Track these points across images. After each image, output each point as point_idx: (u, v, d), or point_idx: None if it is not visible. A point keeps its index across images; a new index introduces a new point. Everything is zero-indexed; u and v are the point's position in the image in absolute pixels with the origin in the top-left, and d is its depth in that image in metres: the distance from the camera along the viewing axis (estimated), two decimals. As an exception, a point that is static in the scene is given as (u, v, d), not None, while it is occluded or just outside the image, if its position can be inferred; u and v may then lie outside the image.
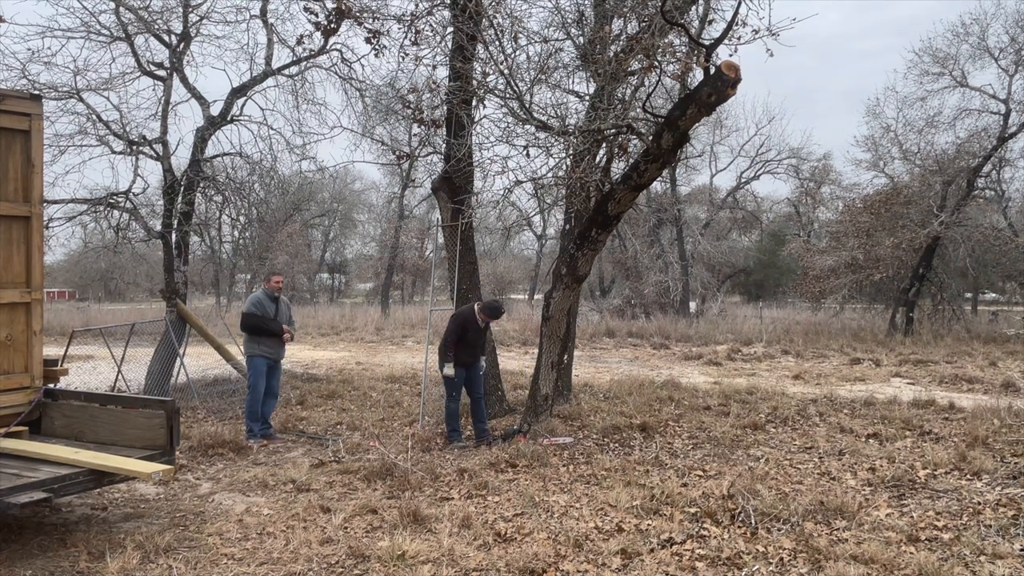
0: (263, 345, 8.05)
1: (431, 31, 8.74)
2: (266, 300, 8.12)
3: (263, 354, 8.06)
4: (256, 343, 8.05)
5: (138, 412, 5.35)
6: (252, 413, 7.97)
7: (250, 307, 8.11)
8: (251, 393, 8.02)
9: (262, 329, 8.02)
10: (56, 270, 41.83)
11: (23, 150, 5.49)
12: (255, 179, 13.16)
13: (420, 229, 37.79)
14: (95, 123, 10.56)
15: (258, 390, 8.00)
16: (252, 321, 8.04)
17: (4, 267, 5.40)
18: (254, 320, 8.03)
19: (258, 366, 8.03)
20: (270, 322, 8.06)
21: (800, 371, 13.62)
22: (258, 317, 8.04)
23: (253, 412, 7.97)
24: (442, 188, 8.90)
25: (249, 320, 8.05)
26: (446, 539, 4.75)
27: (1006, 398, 9.91)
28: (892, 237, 19.91)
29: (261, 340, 8.04)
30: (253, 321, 8.03)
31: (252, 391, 8.02)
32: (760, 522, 4.98)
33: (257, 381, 8.01)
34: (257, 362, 8.04)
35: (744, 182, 33.83)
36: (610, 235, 8.74)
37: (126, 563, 4.41)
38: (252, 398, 8.00)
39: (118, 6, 10.28)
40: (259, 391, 8.01)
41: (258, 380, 8.01)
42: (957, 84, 20.68)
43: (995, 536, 4.80)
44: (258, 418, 7.99)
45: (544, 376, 8.17)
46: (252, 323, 8.04)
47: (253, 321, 8.03)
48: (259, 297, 8.17)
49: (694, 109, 6.22)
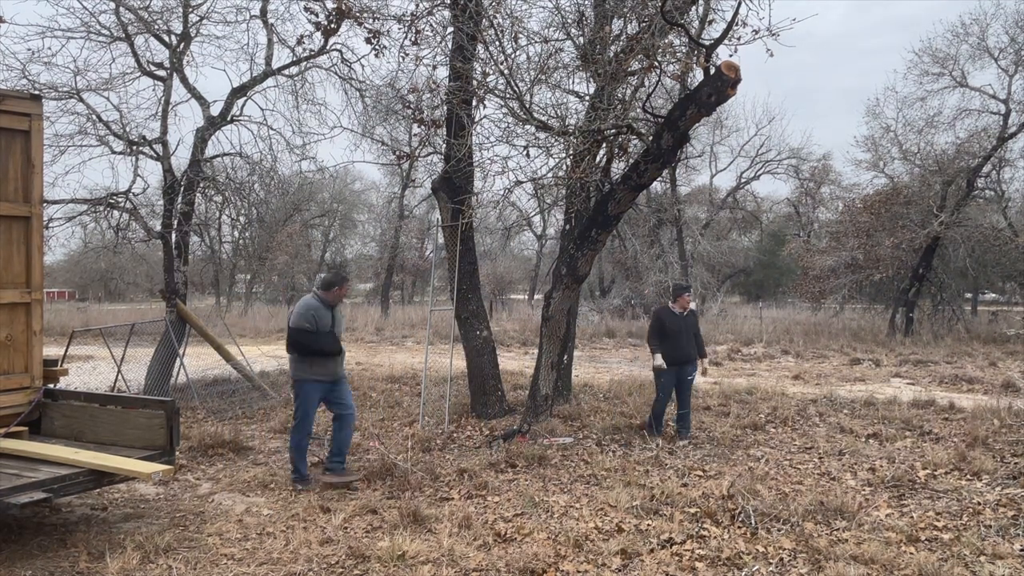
0: (316, 367, 6.19)
1: (431, 31, 8.75)
2: (322, 309, 6.20)
3: (317, 378, 6.21)
4: (308, 364, 6.18)
5: (138, 412, 5.35)
6: (300, 450, 6.24)
7: (300, 320, 6.11)
8: (299, 427, 6.25)
9: (317, 350, 6.18)
10: (56, 270, 41.83)
11: (23, 150, 5.49)
12: (255, 179, 13.16)
13: (420, 229, 37.78)
14: (95, 123, 10.56)
15: (308, 424, 6.34)
16: (305, 340, 6.11)
17: (4, 267, 5.40)
18: (306, 339, 6.10)
19: (309, 394, 6.23)
20: (326, 339, 6.17)
21: (800, 371, 13.62)
22: (312, 334, 6.10)
23: (301, 448, 6.25)
24: (442, 188, 8.90)
25: (301, 338, 6.11)
26: (446, 539, 4.75)
27: (1006, 398, 9.90)
28: (892, 237, 19.91)
29: (315, 361, 6.20)
30: (306, 340, 6.10)
31: (301, 425, 6.25)
32: (760, 522, 4.98)
33: (308, 413, 6.28)
34: (308, 389, 6.21)
35: (744, 182, 33.88)
36: (610, 235, 8.74)
37: (126, 563, 4.41)
38: (300, 434, 6.25)
39: (118, 6, 10.28)
40: (309, 425, 6.36)
41: (309, 412, 6.28)
42: (957, 84, 20.69)
43: (995, 536, 4.80)
44: (306, 455, 6.35)
45: (544, 376, 8.17)
46: (305, 343, 6.11)
47: (306, 340, 6.10)
48: (313, 305, 6.19)
49: (694, 109, 6.23)
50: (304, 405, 6.27)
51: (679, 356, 7.80)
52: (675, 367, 7.81)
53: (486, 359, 8.99)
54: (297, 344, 6.13)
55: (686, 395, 7.90)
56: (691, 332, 7.90)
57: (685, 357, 7.84)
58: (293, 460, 6.26)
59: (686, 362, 7.85)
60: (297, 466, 6.23)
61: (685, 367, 7.85)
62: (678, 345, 7.78)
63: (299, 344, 6.13)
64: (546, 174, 8.22)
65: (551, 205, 20.80)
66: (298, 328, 6.10)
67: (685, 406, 7.89)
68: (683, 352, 7.81)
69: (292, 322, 6.16)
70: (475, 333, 8.98)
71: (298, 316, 6.13)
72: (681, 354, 7.81)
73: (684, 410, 7.89)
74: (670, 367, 7.78)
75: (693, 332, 7.93)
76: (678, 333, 7.79)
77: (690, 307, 7.97)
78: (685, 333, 7.82)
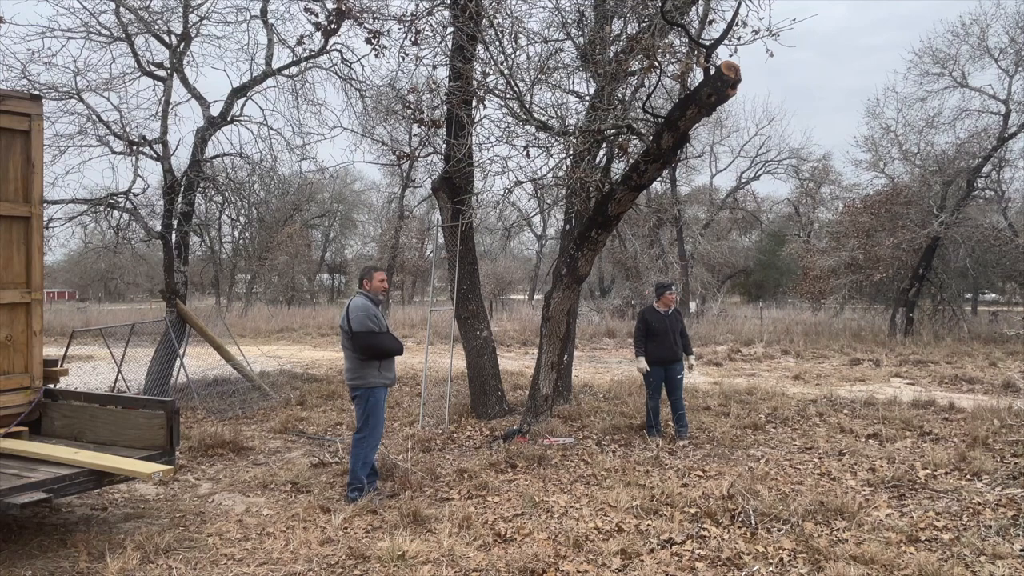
0: (385, 369, 5.84)
1: (431, 31, 8.75)
2: (374, 307, 5.87)
3: (385, 381, 5.89)
4: (377, 368, 5.80)
5: (138, 412, 5.35)
6: (366, 463, 5.88)
7: (364, 323, 5.69)
8: (369, 436, 5.84)
9: (388, 351, 5.84)
10: (56, 270, 41.83)
11: (23, 150, 5.49)
12: (255, 179, 13.18)
13: (420, 229, 37.79)
14: (95, 123, 10.56)
15: (380, 433, 6.01)
16: (376, 342, 5.75)
17: (4, 267, 5.40)
18: (377, 341, 5.74)
19: (381, 399, 5.89)
20: (390, 339, 5.90)
21: (800, 371, 13.62)
22: (379, 335, 5.77)
23: (368, 461, 5.90)
24: (442, 188, 8.90)
25: (373, 341, 5.71)
26: (446, 539, 4.75)
27: (1006, 398, 9.90)
28: (892, 237, 19.91)
29: (384, 363, 5.85)
30: (377, 342, 5.75)
31: (372, 435, 5.86)
32: (760, 522, 4.98)
33: (382, 420, 5.96)
34: (380, 394, 5.87)
35: (744, 182, 33.88)
36: (610, 235, 8.74)
37: (126, 563, 4.41)
38: (370, 443, 5.87)
39: (118, 6, 10.28)
40: (380, 435, 6.04)
41: (382, 418, 5.96)
42: (957, 84, 20.68)
43: (995, 536, 4.80)
44: (370, 466, 5.97)
45: (544, 376, 8.17)
46: (377, 345, 5.75)
47: (377, 342, 5.75)
48: (366, 305, 5.81)
49: (694, 109, 6.22)
50: (378, 411, 5.86)
51: (664, 355, 7.82)
52: (661, 366, 7.82)
53: (486, 359, 8.99)
54: (371, 348, 5.70)
55: (677, 395, 7.89)
56: (676, 331, 7.90)
57: (671, 356, 7.84)
58: (355, 472, 5.73)
59: (672, 361, 7.85)
60: (360, 476, 5.80)
61: (672, 366, 7.85)
62: (663, 344, 7.80)
63: (373, 348, 5.71)
64: (546, 174, 8.22)
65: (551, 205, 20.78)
66: (366, 331, 5.68)
67: (678, 407, 7.88)
68: (668, 351, 7.82)
69: (355, 326, 5.66)
70: (475, 333, 8.99)
71: (359, 320, 5.68)
72: (667, 353, 7.82)
73: (679, 411, 7.88)
74: (656, 366, 7.80)
75: (679, 331, 7.94)
76: (663, 332, 7.80)
77: (674, 306, 7.98)
78: (671, 332, 7.83)
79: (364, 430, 5.83)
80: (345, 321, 5.75)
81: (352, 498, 5.67)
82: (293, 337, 21.96)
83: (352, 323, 5.70)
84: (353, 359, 5.78)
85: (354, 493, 5.72)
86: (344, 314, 5.80)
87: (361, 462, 5.81)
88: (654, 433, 7.82)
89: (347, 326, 5.73)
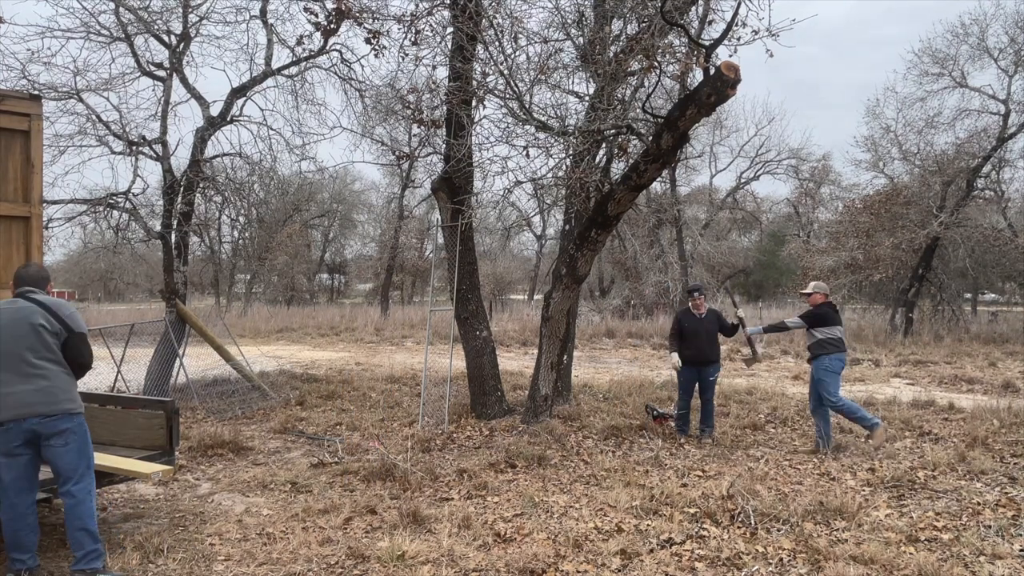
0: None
1: (431, 31, 8.75)
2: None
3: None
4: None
5: (138, 412, 5.35)
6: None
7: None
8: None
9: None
10: (56, 270, 41.78)
11: (23, 150, 5.49)
12: (255, 179, 13.18)
13: (420, 229, 37.77)
14: (95, 123, 10.56)
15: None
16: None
17: (4, 267, 5.40)
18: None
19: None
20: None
21: (800, 371, 13.61)
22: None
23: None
24: (442, 188, 8.90)
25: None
26: (446, 539, 4.75)
27: (1006, 398, 9.91)
28: (892, 237, 19.91)
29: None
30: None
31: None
32: (760, 522, 4.98)
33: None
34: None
35: (744, 182, 33.87)
36: (610, 235, 8.74)
37: (126, 563, 4.41)
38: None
39: (118, 6, 10.28)
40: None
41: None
42: (957, 85, 20.70)
43: (995, 536, 4.80)
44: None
45: (543, 376, 8.17)
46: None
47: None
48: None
49: (694, 110, 6.22)
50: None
51: (696, 356, 7.85)
52: (694, 367, 7.87)
53: (486, 359, 8.99)
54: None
55: (707, 396, 7.92)
56: (712, 333, 7.90)
57: (702, 357, 7.86)
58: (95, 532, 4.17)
59: (704, 363, 7.86)
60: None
61: (705, 368, 7.86)
62: (694, 345, 7.84)
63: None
64: (546, 174, 8.22)
65: (551, 205, 20.80)
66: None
67: (708, 407, 7.93)
68: (700, 352, 7.84)
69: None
70: (475, 333, 8.98)
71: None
72: (698, 354, 7.84)
73: (707, 410, 7.93)
74: (688, 365, 7.85)
75: (714, 333, 7.93)
76: (695, 334, 7.84)
77: (706, 308, 7.99)
78: (704, 335, 7.85)
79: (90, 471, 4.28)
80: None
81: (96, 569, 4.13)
82: (292, 337, 21.96)
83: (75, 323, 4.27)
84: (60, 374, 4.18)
85: (97, 562, 4.16)
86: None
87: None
88: (682, 432, 7.94)
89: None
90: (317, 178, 21.61)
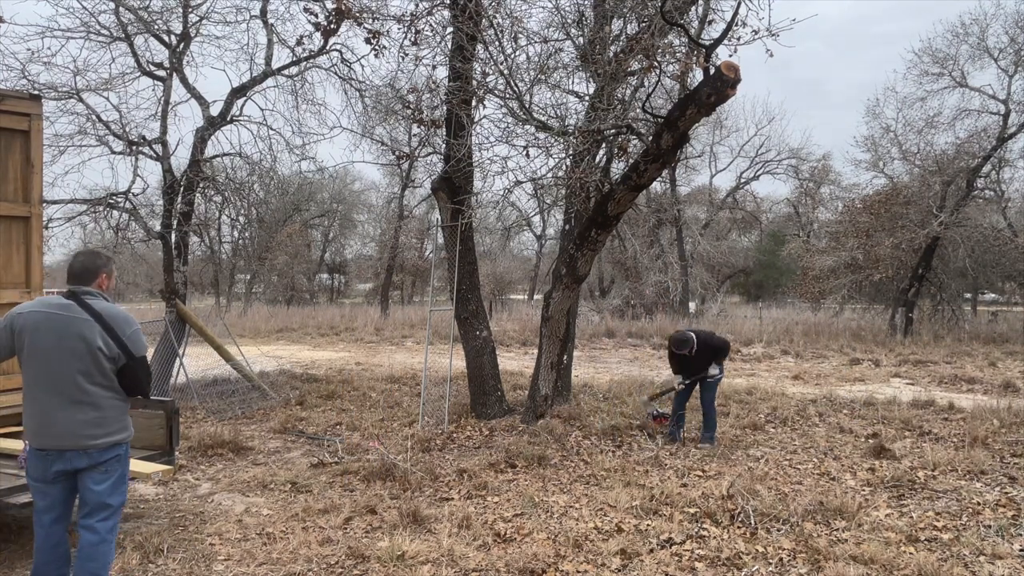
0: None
1: (431, 31, 8.75)
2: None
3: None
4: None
5: (137, 412, 5.34)
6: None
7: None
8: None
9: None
10: (56, 270, 41.72)
11: (23, 150, 5.49)
12: (255, 179, 13.18)
13: (420, 229, 37.75)
14: (95, 123, 10.56)
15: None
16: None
17: (4, 267, 5.40)
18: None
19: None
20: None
21: (800, 371, 13.62)
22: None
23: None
24: (442, 188, 8.90)
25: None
26: (446, 539, 4.75)
27: (1005, 398, 9.91)
28: (891, 237, 19.91)
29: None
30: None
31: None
32: (760, 522, 4.98)
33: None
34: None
35: (744, 182, 33.88)
36: (610, 235, 8.74)
37: (126, 563, 4.41)
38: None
39: (118, 6, 10.28)
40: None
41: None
42: (957, 84, 20.69)
43: (994, 536, 4.80)
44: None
45: (543, 376, 8.17)
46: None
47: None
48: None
49: (693, 109, 6.22)
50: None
51: (694, 375, 7.83)
52: (693, 382, 7.85)
53: (486, 359, 8.99)
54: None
55: (707, 395, 7.79)
56: (707, 359, 7.75)
57: (701, 373, 7.81)
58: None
59: (703, 375, 7.83)
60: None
61: (703, 378, 7.82)
62: (690, 370, 7.80)
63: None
64: (546, 174, 8.22)
65: (551, 205, 20.81)
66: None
67: (709, 407, 7.79)
68: (699, 371, 7.79)
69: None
70: (475, 333, 8.98)
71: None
72: (695, 374, 7.81)
73: (709, 412, 7.79)
74: (688, 379, 7.84)
75: (709, 357, 7.77)
76: (689, 367, 7.79)
77: (695, 349, 7.73)
78: (700, 360, 7.73)
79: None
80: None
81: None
82: (292, 337, 21.96)
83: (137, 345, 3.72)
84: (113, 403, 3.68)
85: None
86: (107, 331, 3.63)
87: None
88: (675, 437, 7.77)
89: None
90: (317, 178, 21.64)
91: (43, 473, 3.58)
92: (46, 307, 3.58)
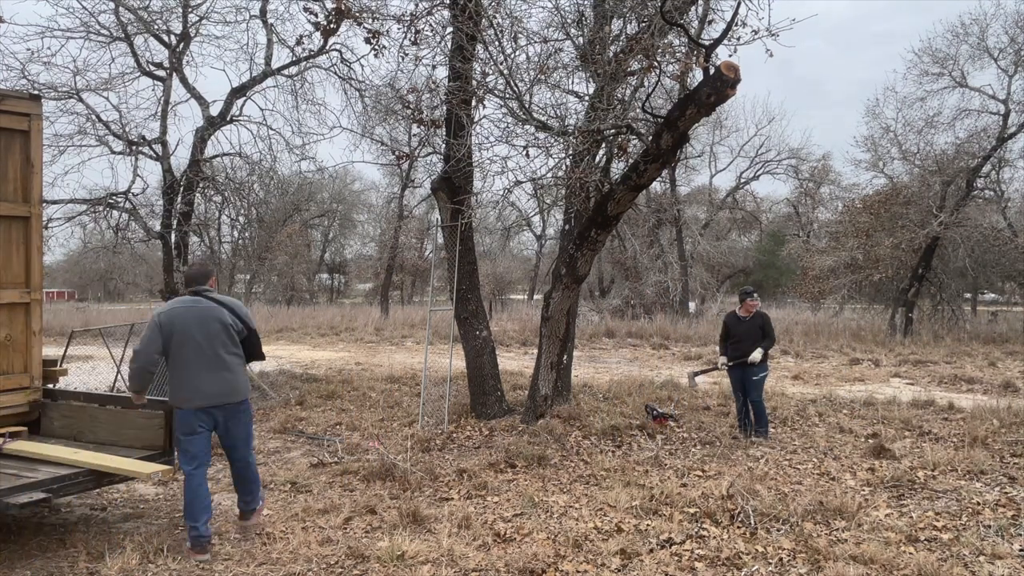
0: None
1: (431, 31, 8.74)
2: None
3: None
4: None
5: (137, 412, 5.35)
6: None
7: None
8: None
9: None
10: (56, 270, 41.83)
11: (23, 150, 5.48)
12: (255, 179, 13.18)
13: (420, 229, 37.76)
14: (95, 123, 10.57)
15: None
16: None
17: (3, 267, 5.40)
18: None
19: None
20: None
21: (799, 371, 13.62)
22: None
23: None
24: (442, 188, 8.90)
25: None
26: (445, 539, 4.75)
27: (1005, 398, 9.91)
28: (891, 237, 19.91)
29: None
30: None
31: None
32: (759, 522, 4.98)
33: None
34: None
35: (744, 182, 33.85)
36: (609, 235, 8.74)
37: (125, 563, 4.41)
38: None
39: (118, 6, 10.28)
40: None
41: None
42: (957, 84, 20.68)
43: (994, 536, 4.80)
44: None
45: (543, 376, 8.17)
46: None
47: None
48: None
49: (693, 109, 6.22)
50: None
51: (739, 357, 7.99)
52: (739, 367, 8.01)
53: (486, 359, 8.98)
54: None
55: (752, 396, 7.99)
56: (755, 335, 7.98)
57: (743, 356, 7.96)
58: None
59: (749, 363, 7.96)
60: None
61: (749, 368, 7.94)
62: (740, 348, 8.00)
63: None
64: (546, 174, 8.22)
65: (551, 205, 20.81)
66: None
67: (756, 407, 8.01)
68: (745, 354, 7.94)
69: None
70: (475, 333, 8.98)
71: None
72: (741, 355, 7.97)
73: (757, 412, 8.01)
74: (734, 367, 8.04)
75: (758, 336, 7.99)
76: (741, 337, 8.01)
77: (755, 311, 8.12)
78: (748, 337, 7.98)
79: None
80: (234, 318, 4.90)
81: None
82: (292, 337, 21.96)
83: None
84: (240, 367, 4.95)
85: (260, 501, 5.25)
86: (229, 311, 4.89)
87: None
88: (742, 431, 8.03)
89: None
90: (317, 178, 21.62)
91: (192, 426, 4.71)
92: (183, 304, 4.78)
